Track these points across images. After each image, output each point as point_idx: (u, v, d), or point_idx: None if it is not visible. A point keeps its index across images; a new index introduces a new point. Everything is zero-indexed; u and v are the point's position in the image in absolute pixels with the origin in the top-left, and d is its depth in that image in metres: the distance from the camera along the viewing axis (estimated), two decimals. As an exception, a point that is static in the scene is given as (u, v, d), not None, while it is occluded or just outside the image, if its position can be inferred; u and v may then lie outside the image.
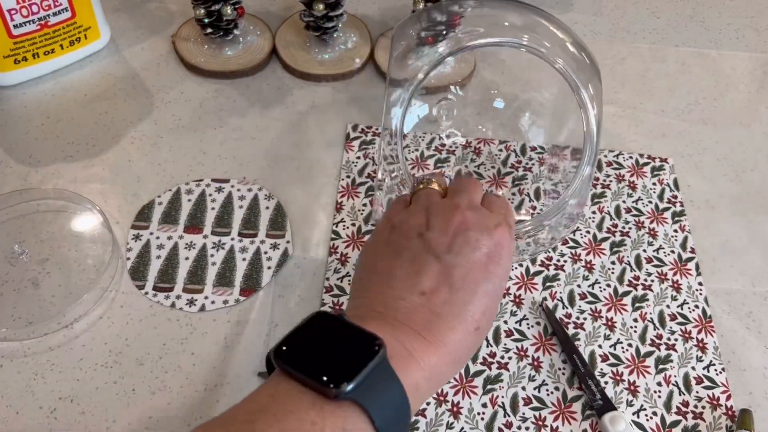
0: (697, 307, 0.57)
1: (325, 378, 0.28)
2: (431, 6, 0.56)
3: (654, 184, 0.65)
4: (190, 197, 0.60)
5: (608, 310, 0.56)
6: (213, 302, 0.54)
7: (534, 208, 0.62)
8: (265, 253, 0.57)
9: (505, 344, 0.54)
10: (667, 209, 0.63)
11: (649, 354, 0.54)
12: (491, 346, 0.53)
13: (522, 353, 0.53)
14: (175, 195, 0.60)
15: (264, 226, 0.58)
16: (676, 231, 0.62)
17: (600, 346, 0.54)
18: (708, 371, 0.53)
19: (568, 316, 0.56)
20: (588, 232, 0.61)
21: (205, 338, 0.52)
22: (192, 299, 0.54)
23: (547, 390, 0.52)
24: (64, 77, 0.68)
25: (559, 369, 0.53)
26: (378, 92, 0.70)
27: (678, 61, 0.77)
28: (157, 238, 0.57)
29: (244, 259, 0.56)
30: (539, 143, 0.66)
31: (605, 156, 0.67)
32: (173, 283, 0.55)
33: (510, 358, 0.53)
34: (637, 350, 0.54)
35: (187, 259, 0.56)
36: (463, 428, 0.49)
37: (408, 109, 0.51)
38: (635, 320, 0.56)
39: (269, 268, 0.56)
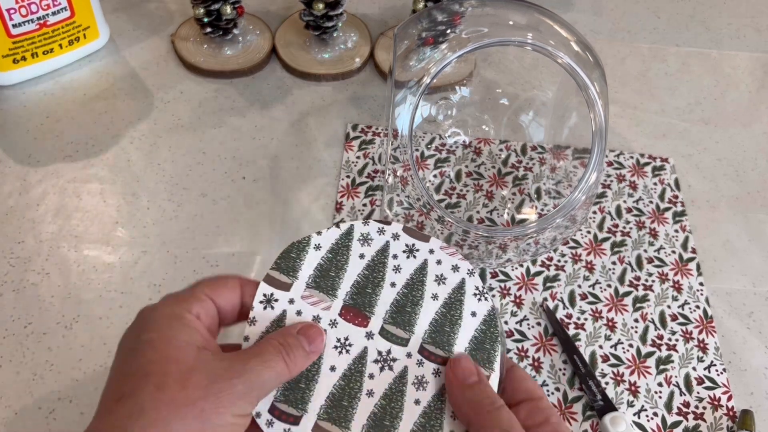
0: (698, 307, 0.57)
1: None
2: (432, 6, 0.56)
3: (655, 184, 0.65)
4: (364, 251, 0.37)
5: (609, 311, 0.56)
6: None
7: (535, 207, 0.62)
8: None
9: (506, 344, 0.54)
10: (668, 209, 0.63)
11: (650, 354, 0.54)
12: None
13: (522, 354, 0.53)
14: (345, 239, 0.38)
15: (464, 345, 0.36)
16: (677, 231, 0.62)
17: (601, 347, 0.54)
18: (709, 372, 0.53)
19: (569, 316, 0.55)
20: (589, 232, 0.61)
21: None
22: None
23: (548, 390, 0.51)
24: (63, 77, 0.68)
25: (560, 369, 0.53)
26: (378, 92, 0.70)
27: (678, 61, 0.77)
28: (299, 313, 0.36)
29: (417, 402, 0.34)
30: (540, 143, 0.66)
31: (606, 156, 0.66)
32: (302, 411, 0.34)
33: (510, 358, 0.53)
34: (638, 351, 0.54)
35: (333, 370, 0.35)
36: (463, 429, 0.49)
37: (414, 111, 0.51)
38: (636, 321, 0.56)
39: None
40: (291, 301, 0.35)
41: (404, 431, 0.34)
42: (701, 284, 0.58)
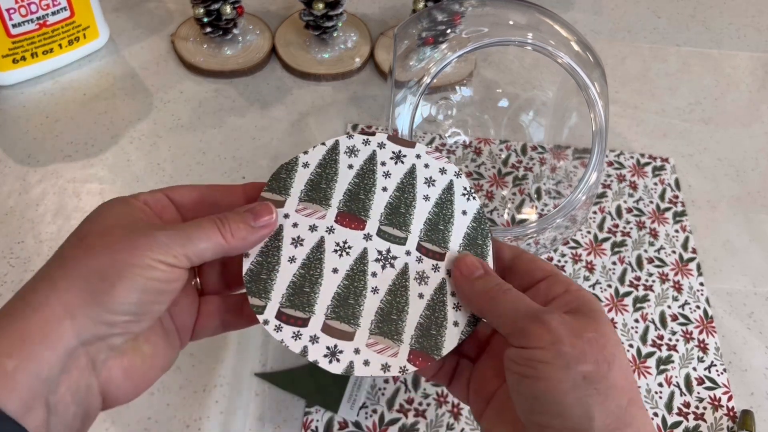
0: (698, 307, 0.57)
1: None
2: (432, 5, 0.56)
3: (655, 184, 0.65)
4: (352, 162, 0.38)
5: (609, 311, 0.56)
6: (367, 362, 0.34)
7: (535, 207, 0.62)
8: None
9: (506, 345, 0.54)
10: (668, 209, 0.63)
11: (650, 355, 0.54)
12: (492, 347, 0.53)
13: (523, 354, 0.53)
14: (331, 154, 0.38)
15: (458, 241, 0.37)
16: (677, 231, 0.61)
17: (601, 347, 0.54)
18: (709, 372, 0.53)
19: (569, 316, 0.55)
20: (589, 232, 0.61)
21: (205, 339, 0.52)
22: (335, 349, 0.34)
23: (548, 391, 0.51)
24: (62, 77, 0.68)
25: (560, 370, 0.52)
26: (378, 92, 0.70)
27: (679, 61, 0.77)
28: (295, 225, 0.36)
29: (421, 296, 0.36)
30: (540, 143, 0.66)
31: (606, 156, 0.66)
32: (309, 313, 0.35)
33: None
34: (639, 351, 0.54)
35: (335, 272, 0.36)
36: (463, 429, 0.49)
37: (414, 111, 0.51)
38: (636, 321, 0.56)
39: (456, 324, 0.36)
40: (286, 216, 0.36)
41: (411, 323, 0.35)
42: (701, 284, 0.58)
